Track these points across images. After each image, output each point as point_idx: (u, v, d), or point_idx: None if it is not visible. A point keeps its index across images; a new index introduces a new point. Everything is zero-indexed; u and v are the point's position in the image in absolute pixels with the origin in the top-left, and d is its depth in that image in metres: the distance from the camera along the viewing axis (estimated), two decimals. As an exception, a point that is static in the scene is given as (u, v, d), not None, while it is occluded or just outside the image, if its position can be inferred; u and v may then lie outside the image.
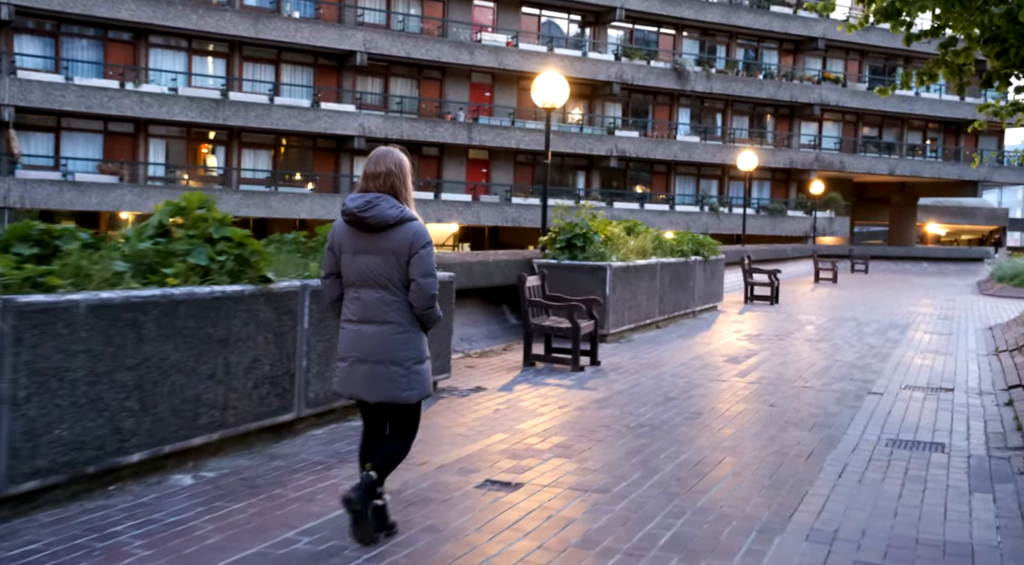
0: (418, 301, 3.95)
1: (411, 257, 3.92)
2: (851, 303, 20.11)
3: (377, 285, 3.94)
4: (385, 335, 3.95)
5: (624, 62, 38.54)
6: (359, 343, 3.98)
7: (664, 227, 40.14)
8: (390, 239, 3.91)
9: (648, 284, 13.07)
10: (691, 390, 8.51)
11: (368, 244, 3.94)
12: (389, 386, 3.95)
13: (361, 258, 3.95)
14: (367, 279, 3.96)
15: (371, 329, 3.95)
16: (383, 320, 3.94)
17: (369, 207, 3.90)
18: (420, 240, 3.94)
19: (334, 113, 32.47)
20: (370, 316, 3.96)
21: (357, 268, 3.97)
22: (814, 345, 12.36)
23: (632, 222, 14.22)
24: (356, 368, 3.99)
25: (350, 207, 3.94)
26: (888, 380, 9.60)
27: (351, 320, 4.02)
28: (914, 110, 45.37)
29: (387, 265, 3.92)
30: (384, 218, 3.89)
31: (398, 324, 3.95)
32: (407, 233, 3.92)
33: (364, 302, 3.97)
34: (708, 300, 16.32)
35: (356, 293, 4.00)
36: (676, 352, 11.17)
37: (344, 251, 4.02)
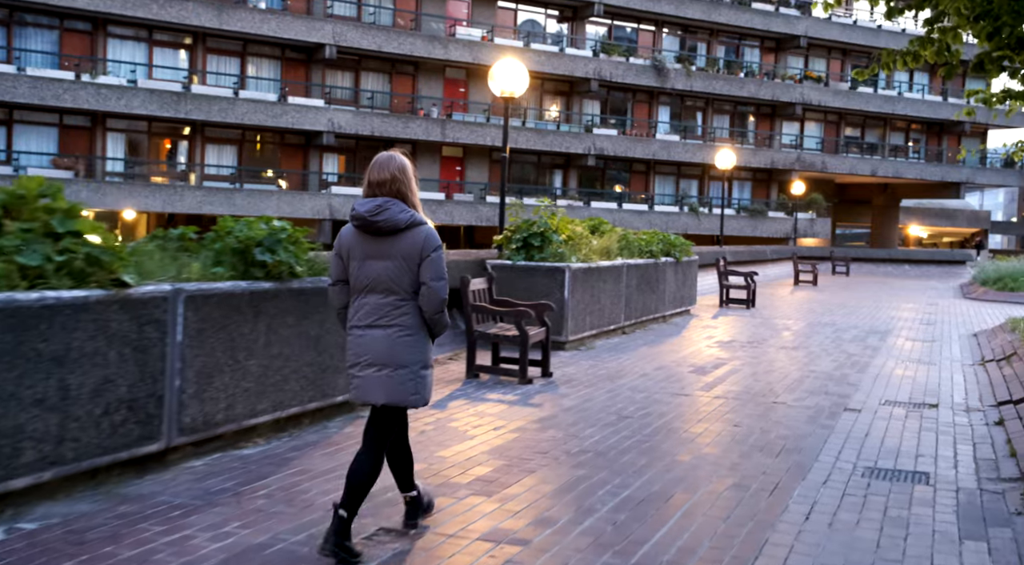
0: (429, 305, 3.95)
1: (422, 261, 3.92)
2: (830, 307, 19.33)
3: (387, 290, 3.93)
4: (392, 338, 3.94)
5: (603, 58, 37.71)
6: (367, 347, 3.97)
7: (643, 227, 39.31)
8: (401, 243, 3.90)
9: (613, 287, 12.20)
10: (649, 407, 7.63)
11: (378, 249, 3.92)
12: (397, 389, 3.96)
13: (371, 263, 3.94)
14: (376, 284, 3.94)
15: (378, 333, 3.95)
16: (390, 324, 3.94)
17: (380, 211, 3.88)
18: (431, 244, 3.94)
19: (302, 108, 31.47)
20: (378, 320, 3.95)
21: (366, 273, 3.95)
22: (789, 353, 11.53)
23: (598, 220, 13.35)
24: (366, 373, 3.98)
25: (360, 212, 3.91)
26: (866, 394, 8.77)
27: (359, 325, 3.99)
28: (896, 110, 44.80)
29: (398, 270, 3.91)
30: (395, 222, 3.87)
31: (405, 328, 3.95)
32: (418, 237, 3.92)
33: (372, 307, 3.96)
34: (680, 304, 15.47)
35: (365, 298, 3.98)
36: (639, 361, 10.30)
37: (353, 257, 3.99)
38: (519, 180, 38.10)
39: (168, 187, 29.77)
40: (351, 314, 4.05)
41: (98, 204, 27.58)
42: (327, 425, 6.31)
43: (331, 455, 5.55)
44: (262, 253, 5.59)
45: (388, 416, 4.11)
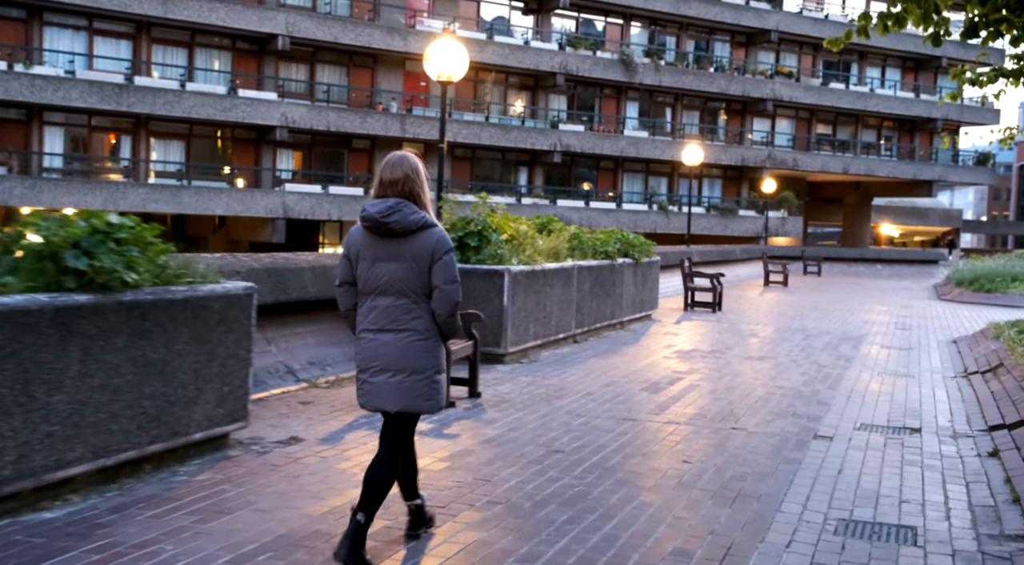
0: (442, 308, 3.88)
1: (434, 263, 3.86)
2: (801, 310, 18.33)
3: (398, 293, 3.86)
4: (404, 343, 3.86)
5: (569, 52, 36.59)
6: (379, 352, 3.88)
7: (611, 226, 38.29)
8: (412, 245, 3.84)
9: (561, 291, 11.06)
10: (586, 436, 6.48)
11: (388, 251, 3.85)
12: (410, 395, 3.88)
13: (381, 265, 3.86)
14: (387, 287, 3.86)
15: (389, 337, 3.87)
16: (402, 328, 3.87)
17: (391, 212, 3.81)
18: (443, 246, 3.88)
19: (253, 101, 30.06)
20: (389, 324, 3.87)
21: (376, 276, 3.87)
22: (754, 365, 10.44)
23: (547, 218, 12.21)
24: (376, 378, 3.89)
25: (371, 212, 3.83)
26: (839, 416, 7.68)
27: (369, 329, 3.91)
28: (869, 107, 44.07)
29: (408, 272, 3.85)
30: (407, 223, 3.81)
31: (417, 332, 3.87)
32: (430, 239, 3.85)
33: (383, 310, 3.88)
34: (640, 308, 14.37)
35: (374, 301, 3.90)
36: (586, 377, 9.16)
37: (362, 259, 3.90)
38: (483, 178, 36.91)
39: (110, 184, 28.26)
40: (360, 317, 3.95)
41: (34, 202, 26.05)
42: (177, 471, 5.09)
43: (157, 519, 4.33)
44: (76, 257, 4.37)
45: (404, 422, 4.01)
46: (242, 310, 5.52)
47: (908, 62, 46.56)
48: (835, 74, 44.38)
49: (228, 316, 5.39)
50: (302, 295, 7.89)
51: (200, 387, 5.18)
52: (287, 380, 7.67)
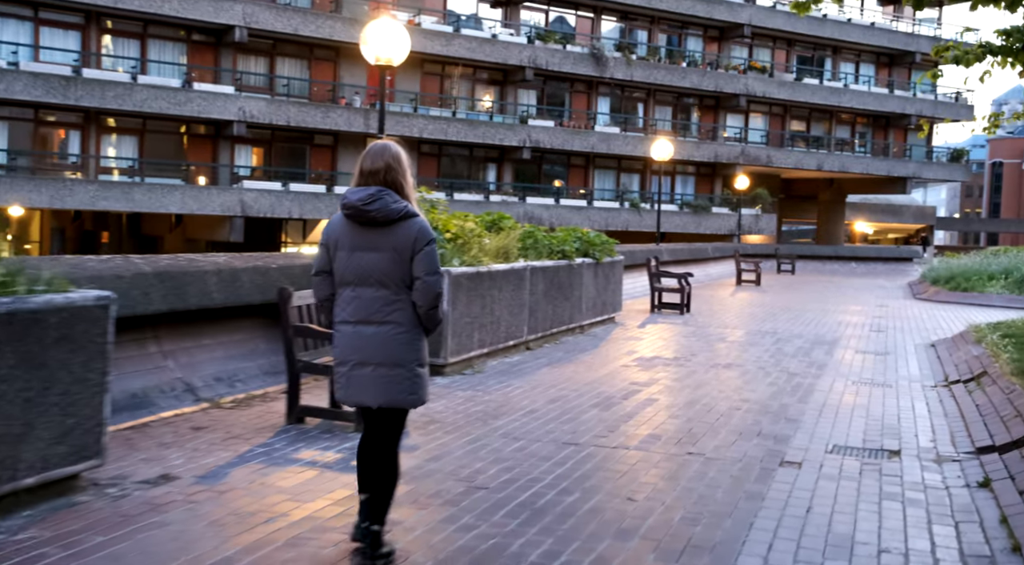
0: (423, 300, 3.80)
1: (415, 254, 3.77)
2: (773, 311, 17.57)
3: (378, 283, 3.79)
4: (386, 336, 3.80)
5: (538, 46, 35.71)
6: (358, 345, 3.81)
7: (582, 224, 37.46)
8: (393, 235, 3.76)
9: (512, 295, 10.17)
10: (517, 467, 5.60)
11: (369, 240, 3.78)
12: (393, 389, 3.82)
13: (360, 255, 3.79)
14: (366, 277, 3.79)
15: (370, 330, 3.80)
16: (383, 320, 3.80)
17: (373, 200, 3.74)
18: (425, 236, 3.79)
19: (209, 95, 28.93)
20: (369, 316, 3.80)
21: (355, 266, 3.80)
22: (719, 374, 9.61)
23: (497, 215, 11.31)
24: (357, 372, 3.82)
25: (352, 200, 3.77)
26: (809, 436, 6.85)
27: (348, 321, 3.84)
28: (842, 103, 43.54)
29: (389, 262, 3.77)
30: (389, 212, 3.74)
31: (399, 324, 3.81)
32: (411, 229, 3.77)
33: (363, 301, 3.80)
34: (602, 311, 13.52)
35: (354, 292, 3.82)
36: (533, 390, 8.28)
37: (341, 248, 3.83)
38: (450, 175, 35.98)
39: (57, 181, 27.04)
40: (338, 308, 3.88)
41: (-25, 199, 24.83)
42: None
43: None
44: None
45: (390, 418, 3.94)
46: (93, 325, 4.58)
47: (882, 57, 46.10)
48: (809, 69, 43.81)
49: (73, 333, 4.45)
50: (204, 302, 6.95)
51: (30, 421, 4.24)
52: (184, 400, 6.72)
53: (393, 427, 3.97)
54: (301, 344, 6.52)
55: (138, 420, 6.17)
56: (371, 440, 4.02)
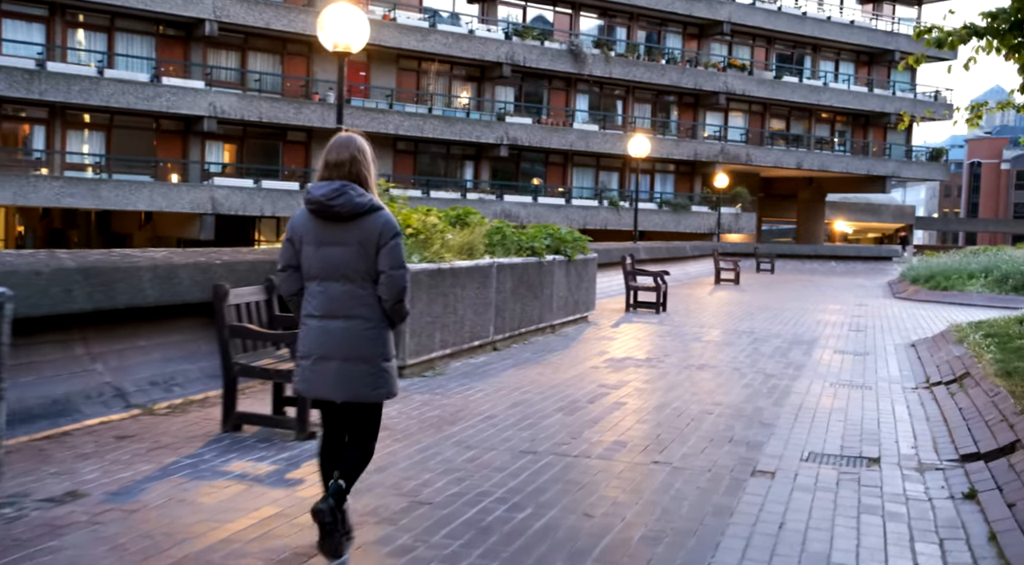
0: (388, 294, 3.79)
1: (381, 248, 3.76)
2: (751, 310, 17.22)
3: (344, 278, 3.77)
4: (352, 330, 3.78)
5: (515, 42, 35.25)
6: (324, 339, 3.79)
7: (560, 222, 37.03)
8: (359, 229, 3.74)
9: (477, 293, 9.73)
10: (467, 480, 5.15)
11: (334, 235, 3.75)
12: (357, 384, 3.79)
13: (326, 249, 3.77)
14: (332, 272, 3.78)
15: (337, 324, 3.79)
16: (349, 314, 3.78)
17: (338, 195, 3.72)
18: (390, 230, 3.77)
19: (178, 89, 28.28)
20: (336, 310, 3.79)
21: (321, 260, 3.78)
22: (693, 375, 9.21)
23: (464, 210, 10.86)
24: (321, 366, 3.80)
25: (316, 195, 3.74)
26: (784, 442, 6.45)
27: (314, 315, 3.82)
28: (822, 101, 43.36)
29: (354, 256, 3.75)
30: (354, 206, 3.72)
31: (366, 319, 3.79)
32: (376, 223, 3.76)
33: (329, 296, 3.79)
34: (574, 310, 13.09)
35: (320, 286, 3.81)
36: (495, 393, 7.84)
37: (306, 243, 3.81)
38: (427, 172, 35.47)
39: (19, 178, 26.30)
40: (305, 303, 3.86)
41: (-66, 196, 24.11)
42: None
43: None
44: None
45: (364, 413, 3.91)
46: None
47: (862, 56, 45.98)
48: (788, 67, 43.60)
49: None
50: (136, 301, 6.46)
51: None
52: (113, 406, 6.23)
53: (367, 423, 3.93)
54: (240, 345, 6.05)
55: (58, 429, 5.68)
56: (334, 438, 3.99)
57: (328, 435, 4.00)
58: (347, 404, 3.87)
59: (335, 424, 3.98)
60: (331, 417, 3.98)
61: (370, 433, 3.96)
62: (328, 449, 3.99)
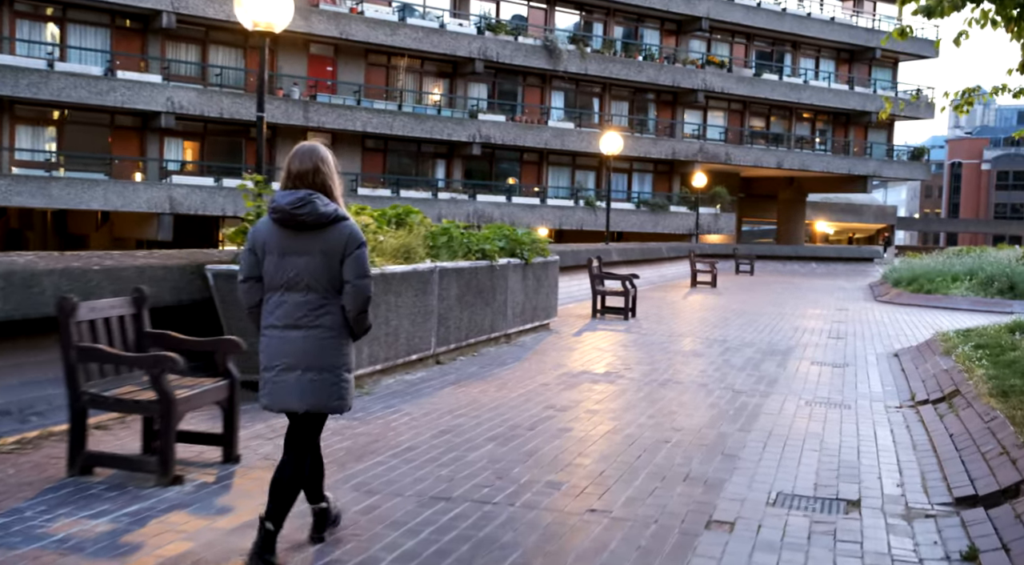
0: (352, 304, 3.78)
1: (345, 258, 3.75)
2: (726, 315, 16.30)
3: (307, 288, 3.75)
4: (314, 340, 3.76)
5: (488, 37, 34.25)
6: (285, 349, 3.76)
7: (535, 222, 36.10)
8: (323, 239, 3.73)
9: (415, 301, 8.73)
10: (351, 542, 4.16)
11: (298, 244, 3.73)
12: (320, 394, 3.78)
13: (290, 259, 3.73)
14: (296, 282, 3.75)
15: (298, 334, 3.76)
16: (312, 324, 3.76)
17: (303, 204, 3.67)
18: (355, 240, 3.77)
19: (133, 83, 27.09)
20: (298, 320, 3.76)
21: (284, 270, 3.74)
22: (653, 393, 8.25)
23: (404, 208, 9.85)
24: (284, 377, 3.77)
25: (281, 204, 3.69)
26: (749, 479, 5.50)
27: (276, 325, 3.78)
28: (802, 99, 42.60)
29: (318, 266, 3.73)
30: (320, 216, 3.69)
31: (328, 328, 3.78)
32: (342, 233, 3.75)
33: (290, 306, 3.76)
34: (532, 317, 12.12)
35: (283, 296, 3.77)
36: (425, 417, 6.85)
37: (269, 252, 3.77)
38: (397, 171, 34.40)
39: (-35, 174, 25.10)
40: (266, 313, 3.82)
41: None
42: None
43: None
44: None
45: (312, 423, 3.93)
46: None
47: (842, 53, 45.28)
48: (768, 64, 42.82)
49: None
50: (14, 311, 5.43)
51: None
52: (-55, 442, 5.19)
53: (310, 432, 3.94)
54: (97, 370, 5.04)
55: None
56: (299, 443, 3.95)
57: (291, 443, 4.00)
58: (309, 414, 3.85)
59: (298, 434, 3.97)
60: (294, 427, 3.97)
61: (308, 445, 3.94)
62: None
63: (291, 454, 3.89)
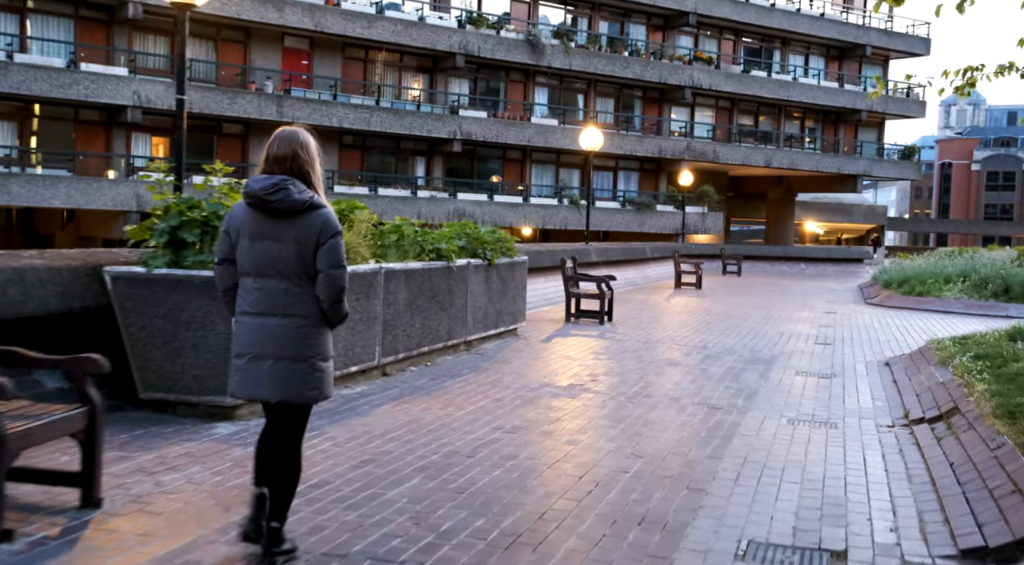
0: (325, 294, 3.70)
1: (319, 247, 3.67)
2: (709, 319, 15.46)
3: (280, 275, 3.68)
4: (288, 329, 3.69)
5: (469, 30, 33.34)
6: (259, 337, 3.69)
7: (518, 222, 35.25)
8: (297, 226, 3.65)
9: (356, 306, 7.84)
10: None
11: (271, 230, 3.66)
12: (292, 384, 3.70)
13: (261, 244, 3.67)
14: (268, 268, 3.68)
15: (273, 321, 3.69)
16: (286, 313, 3.69)
17: (276, 190, 3.62)
18: (329, 229, 3.69)
19: (98, 76, 26.08)
20: (272, 308, 3.69)
21: (256, 255, 3.68)
22: (618, 410, 7.39)
23: (348, 204, 8.93)
24: (255, 365, 3.70)
25: (254, 189, 3.65)
26: (716, 522, 4.63)
27: (249, 312, 3.72)
28: (791, 97, 41.81)
29: (291, 254, 3.66)
30: (293, 203, 3.62)
31: (302, 317, 3.71)
32: (316, 221, 3.67)
33: (265, 293, 3.69)
34: (497, 322, 11.24)
35: (256, 283, 3.71)
36: (350, 443, 5.97)
37: (242, 236, 3.72)
38: (375, 169, 33.46)
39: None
40: (240, 299, 3.76)
41: None
42: None
43: None
44: None
45: (293, 415, 3.82)
46: None
47: (832, 50, 44.53)
48: (757, 61, 42.03)
49: None
50: None
51: None
52: None
53: (295, 423, 3.84)
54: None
55: None
56: (273, 432, 3.85)
57: (269, 430, 3.89)
58: (279, 404, 3.76)
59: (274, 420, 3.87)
60: (270, 415, 3.87)
61: (295, 441, 3.86)
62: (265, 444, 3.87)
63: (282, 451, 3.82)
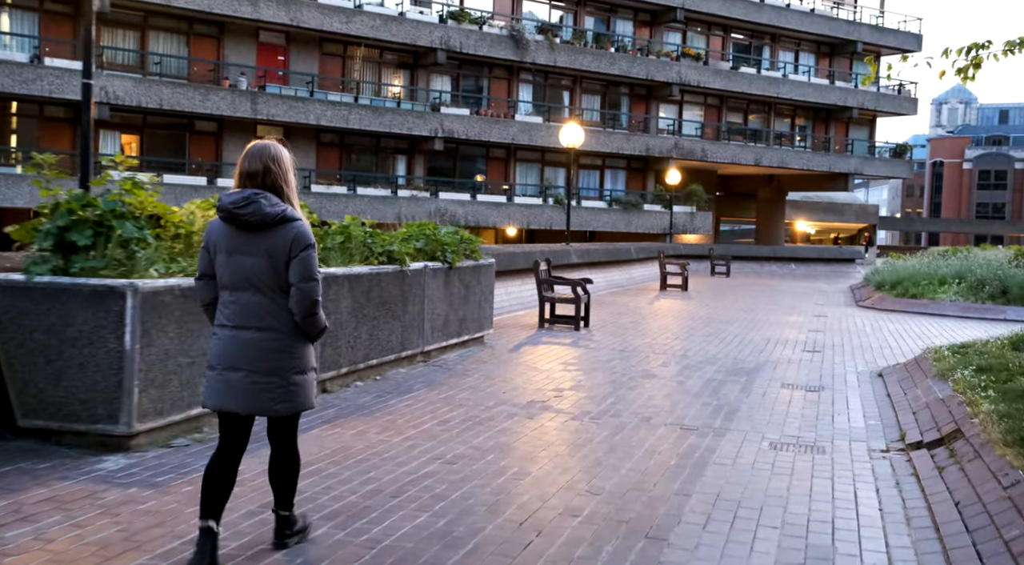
0: (298, 308, 3.71)
1: (291, 260, 3.69)
2: (692, 323, 14.64)
3: (254, 288, 3.71)
4: (263, 342, 3.71)
5: (451, 25, 32.46)
6: (234, 350, 3.72)
7: (501, 221, 34.39)
8: (269, 239, 3.68)
9: (285, 317, 6.95)
10: None
11: (245, 244, 3.70)
12: (262, 397, 3.71)
13: (236, 258, 3.71)
14: (243, 281, 3.72)
15: (248, 335, 3.71)
16: (261, 326, 3.71)
17: (247, 204, 3.65)
18: (301, 242, 3.70)
19: (63, 72, 25.12)
20: (247, 321, 3.71)
21: (232, 269, 3.72)
22: (578, 435, 6.55)
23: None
24: (227, 377, 3.72)
25: (225, 203, 3.69)
26: (675, 590, 3.78)
27: (225, 325, 3.76)
28: (781, 94, 41.04)
29: (263, 267, 3.68)
30: (264, 216, 3.65)
31: (276, 331, 3.72)
32: (288, 234, 3.69)
33: (240, 306, 3.72)
34: (460, 331, 10.39)
35: (232, 296, 3.75)
36: (252, 483, 5.10)
37: (219, 251, 3.76)
38: (355, 167, 32.57)
39: None
40: (219, 312, 3.79)
41: None
42: None
43: None
44: None
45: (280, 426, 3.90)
46: None
47: (823, 47, 43.78)
48: (746, 58, 41.24)
49: None
50: None
51: None
52: None
53: (284, 432, 3.90)
54: None
55: None
56: (230, 452, 3.80)
57: (224, 449, 3.80)
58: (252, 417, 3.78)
59: (235, 438, 3.81)
60: (232, 430, 3.80)
61: (290, 442, 3.92)
62: (219, 466, 3.77)
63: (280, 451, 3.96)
